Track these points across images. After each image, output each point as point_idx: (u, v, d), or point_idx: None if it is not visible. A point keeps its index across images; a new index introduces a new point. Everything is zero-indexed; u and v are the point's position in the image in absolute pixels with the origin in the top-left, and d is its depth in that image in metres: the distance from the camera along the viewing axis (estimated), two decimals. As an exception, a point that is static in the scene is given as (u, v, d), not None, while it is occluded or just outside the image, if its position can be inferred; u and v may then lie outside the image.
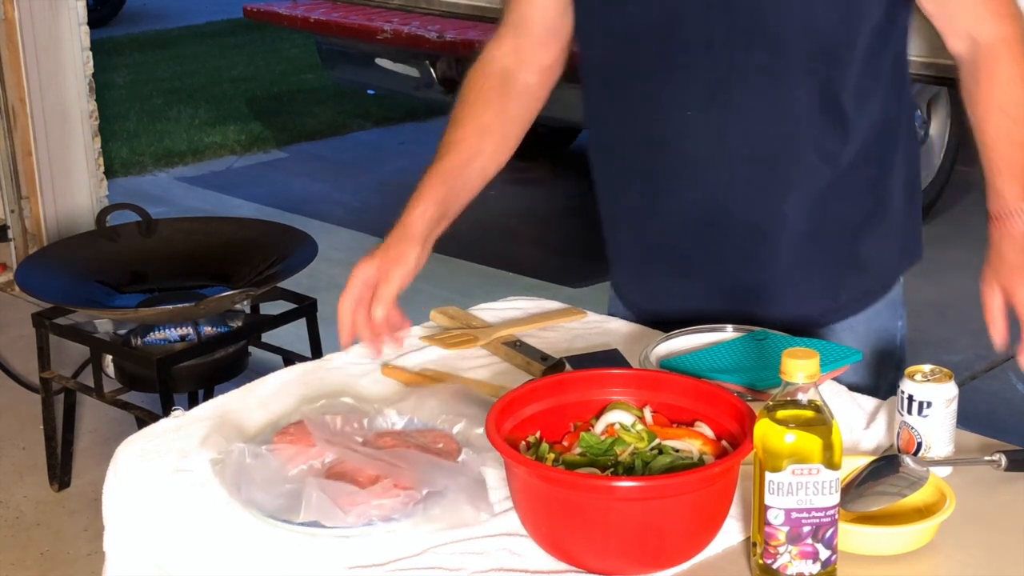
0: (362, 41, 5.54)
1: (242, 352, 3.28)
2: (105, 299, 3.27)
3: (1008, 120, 1.66)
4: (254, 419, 1.68)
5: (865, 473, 1.42)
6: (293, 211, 5.79)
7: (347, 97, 7.75)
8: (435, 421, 1.58)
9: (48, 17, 4.65)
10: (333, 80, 6.39)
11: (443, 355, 1.87)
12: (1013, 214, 1.65)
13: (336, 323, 1.71)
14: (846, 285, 1.86)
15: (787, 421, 1.26)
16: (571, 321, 1.99)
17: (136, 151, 6.87)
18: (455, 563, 1.35)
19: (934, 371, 1.51)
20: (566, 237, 5.67)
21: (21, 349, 4.11)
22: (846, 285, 1.86)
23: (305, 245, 3.30)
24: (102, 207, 4.38)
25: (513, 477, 1.37)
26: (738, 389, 1.61)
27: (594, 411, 1.49)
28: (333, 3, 5.81)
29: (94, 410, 3.72)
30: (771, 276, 1.83)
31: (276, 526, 1.41)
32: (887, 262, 1.88)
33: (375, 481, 1.43)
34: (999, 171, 1.67)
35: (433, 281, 5.17)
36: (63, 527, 3.32)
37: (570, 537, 1.33)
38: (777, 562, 1.28)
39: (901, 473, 1.41)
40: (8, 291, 4.70)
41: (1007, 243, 1.67)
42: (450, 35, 5.15)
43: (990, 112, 1.68)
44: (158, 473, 1.57)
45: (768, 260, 1.81)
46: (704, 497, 1.33)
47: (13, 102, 4.65)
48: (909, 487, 1.39)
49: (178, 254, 3.42)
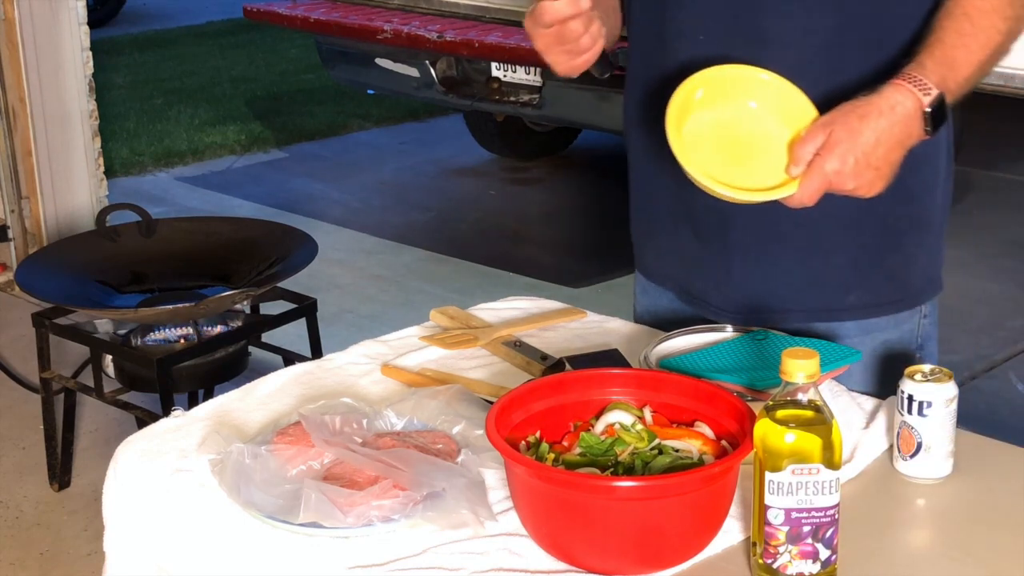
0: (362, 41, 5.54)
1: (242, 352, 3.28)
2: (105, 299, 3.27)
3: (968, 23, 1.62)
4: (254, 419, 1.68)
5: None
6: (293, 211, 5.79)
7: (347, 97, 7.75)
8: (435, 422, 1.58)
9: (48, 17, 4.65)
10: (333, 80, 6.39)
11: (443, 355, 1.87)
12: (916, 88, 1.56)
13: (336, 323, 1.71)
14: (859, 283, 1.82)
15: (787, 421, 1.26)
16: (571, 321, 1.99)
17: (136, 151, 6.87)
18: (455, 563, 1.35)
19: (934, 371, 1.51)
20: (566, 237, 5.67)
21: (21, 349, 4.11)
22: (859, 283, 1.82)
23: (305, 245, 3.30)
24: (102, 207, 4.38)
25: (513, 477, 1.37)
26: (738, 389, 1.61)
27: (594, 411, 1.49)
28: (333, 3, 5.81)
29: (94, 410, 3.72)
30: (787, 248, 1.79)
31: (276, 526, 1.41)
32: (905, 275, 1.85)
33: (374, 482, 1.43)
34: (932, 55, 1.60)
35: (433, 281, 5.21)
36: (63, 527, 3.32)
37: (570, 537, 1.33)
38: (777, 562, 1.28)
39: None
40: (8, 291, 4.70)
41: (884, 111, 1.55)
42: (450, 35, 5.15)
43: (953, 11, 1.63)
44: (158, 473, 1.57)
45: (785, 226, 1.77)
46: (704, 497, 1.33)
47: (13, 102, 4.65)
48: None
49: (178, 254, 3.42)
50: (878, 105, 1.56)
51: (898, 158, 1.57)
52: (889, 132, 1.55)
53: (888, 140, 1.55)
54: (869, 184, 1.56)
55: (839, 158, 1.53)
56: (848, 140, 1.53)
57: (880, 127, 1.55)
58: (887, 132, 1.55)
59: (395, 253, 5.42)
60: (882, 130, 1.55)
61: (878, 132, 1.54)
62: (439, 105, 6.43)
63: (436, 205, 6.12)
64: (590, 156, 6.70)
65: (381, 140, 7.22)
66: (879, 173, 1.56)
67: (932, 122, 1.58)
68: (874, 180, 1.56)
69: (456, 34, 5.15)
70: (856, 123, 1.54)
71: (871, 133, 1.54)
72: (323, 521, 1.39)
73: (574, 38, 1.64)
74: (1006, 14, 1.64)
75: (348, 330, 4.20)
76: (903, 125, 1.56)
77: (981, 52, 1.63)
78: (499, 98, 5.34)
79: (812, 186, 1.54)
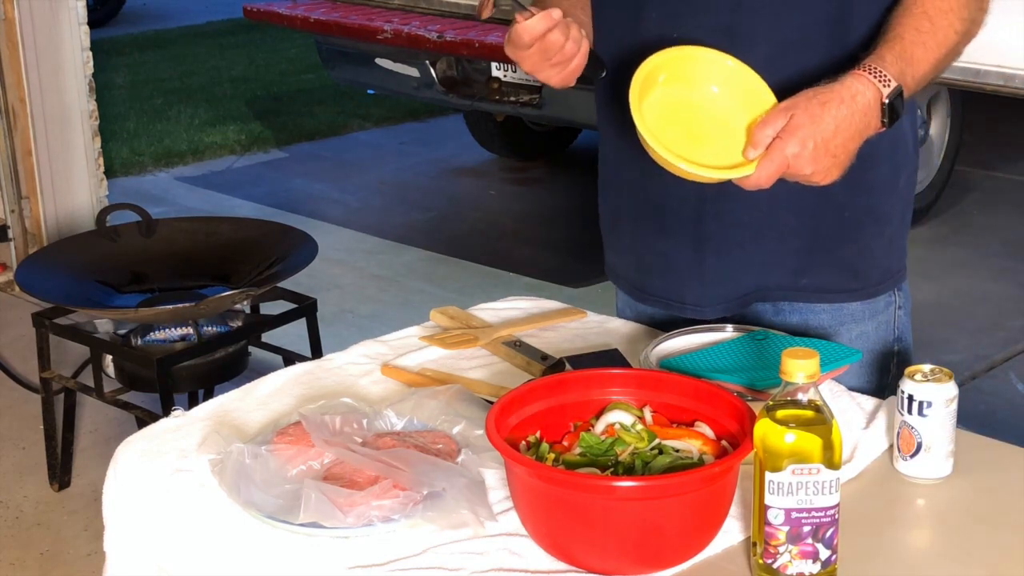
0: (362, 41, 5.54)
1: (242, 352, 3.28)
2: (105, 299, 3.27)
3: (927, 22, 1.64)
4: (254, 419, 1.68)
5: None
6: (293, 211, 5.79)
7: (347, 97, 7.75)
8: (435, 422, 1.58)
9: (48, 17, 4.65)
10: (333, 80, 6.39)
11: (443, 355, 1.87)
12: (876, 79, 1.57)
13: (336, 323, 1.71)
14: (811, 268, 1.83)
15: (787, 421, 1.26)
16: (571, 321, 1.99)
17: (136, 151, 6.87)
18: (455, 563, 1.35)
19: (934, 371, 1.51)
20: (566, 237, 5.67)
21: (21, 349, 4.11)
22: (811, 268, 1.83)
23: (305, 245, 3.30)
24: (102, 207, 4.38)
25: (513, 477, 1.37)
26: (738, 389, 1.62)
27: (594, 411, 1.49)
28: (333, 3, 5.81)
29: (94, 410, 3.72)
30: (748, 235, 1.81)
31: (276, 526, 1.41)
32: (860, 265, 1.85)
33: (374, 482, 1.43)
34: (892, 49, 1.61)
35: (433, 281, 5.21)
36: (63, 527, 3.32)
37: (570, 537, 1.33)
38: (777, 562, 1.28)
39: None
40: (8, 291, 4.70)
41: (845, 99, 1.56)
42: (450, 35, 5.15)
43: (912, 9, 1.65)
44: (158, 473, 1.57)
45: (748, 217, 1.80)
46: (704, 497, 1.33)
47: (13, 102, 4.65)
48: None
49: (178, 254, 3.42)
50: (839, 93, 1.57)
51: (855, 147, 1.59)
52: (849, 120, 1.56)
53: (847, 128, 1.56)
54: (825, 171, 1.57)
55: (799, 142, 1.54)
56: (809, 125, 1.55)
57: (840, 115, 1.56)
58: (847, 120, 1.56)
59: (395, 253, 5.42)
60: (842, 118, 1.56)
61: (838, 120, 1.56)
62: (439, 105, 6.43)
63: (436, 205, 6.12)
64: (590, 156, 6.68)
65: (381, 140, 7.23)
66: (836, 161, 1.57)
67: (889, 114, 1.59)
68: (830, 167, 1.57)
69: (456, 34, 5.15)
70: (817, 109, 1.55)
71: (831, 120, 1.55)
72: (323, 521, 1.39)
73: (557, 48, 1.65)
74: (962, 15, 1.66)
75: (348, 330, 4.20)
76: (862, 115, 1.57)
77: (937, 51, 1.65)
78: (499, 98, 5.33)
79: (770, 168, 1.55)
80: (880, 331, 1.89)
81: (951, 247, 5.18)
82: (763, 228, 1.81)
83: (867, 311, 1.87)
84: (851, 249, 1.84)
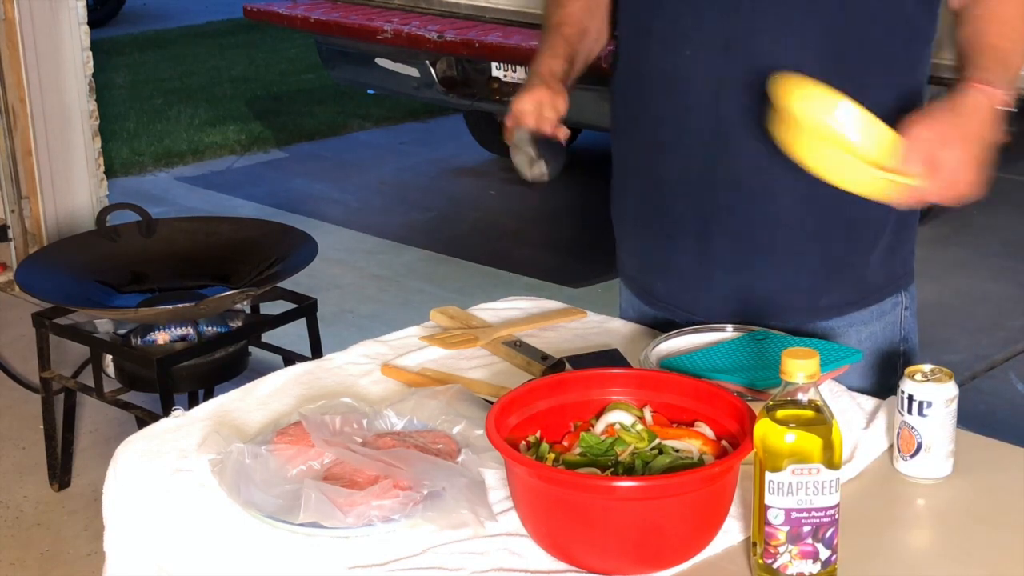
0: (362, 41, 5.55)
1: (242, 352, 3.28)
2: (105, 299, 3.27)
3: (1010, 29, 1.68)
4: (254, 419, 1.68)
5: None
6: (293, 211, 5.79)
7: (347, 97, 7.75)
8: (435, 422, 1.58)
9: (48, 17, 4.65)
10: (333, 80, 6.39)
11: (443, 355, 1.87)
12: (986, 88, 1.62)
13: (336, 323, 1.72)
14: (829, 287, 1.85)
15: (787, 421, 1.26)
16: (571, 321, 1.99)
17: (136, 151, 6.87)
18: (455, 563, 1.35)
19: (934, 371, 1.51)
20: (566, 237, 5.67)
21: (21, 349, 4.11)
22: (829, 287, 1.85)
23: (305, 245, 3.30)
24: (102, 207, 4.38)
25: (513, 477, 1.37)
26: (738, 389, 1.61)
27: (594, 411, 1.49)
28: (333, 3, 5.81)
29: (94, 410, 3.72)
30: (765, 244, 1.82)
31: (276, 526, 1.41)
32: (868, 275, 1.86)
33: (374, 482, 1.43)
34: (992, 58, 1.66)
35: (433, 281, 5.20)
36: (63, 527, 3.32)
37: (570, 537, 1.33)
38: (777, 562, 1.28)
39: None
40: (8, 291, 4.70)
41: (970, 106, 1.61)
42: (450, 35, 5.15)
43: (992, 23, 1.69)
44: (158, 473, 1.57)
45: (763, 226, 1.81)
46: (704, 497, 1.33)
47: (13, 102, 4.65)
48: None
49: (178, 254, 3.42)
50: (956, 106, 1.61)
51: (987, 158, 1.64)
52: (981, 131, 1.62)
53: (982, 139, 1.62)
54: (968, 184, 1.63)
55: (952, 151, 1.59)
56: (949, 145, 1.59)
57: (979, 128, 1.61)
58: (983, 131, 1.62)
59: (395, 253, 5.42)
60: (981, 128, 1.62)
61: (981, 130, 1.62)
62: (439, 105, 6.43)
63: (436, 205, 6.12)
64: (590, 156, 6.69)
65: (381, 140, 7.23)
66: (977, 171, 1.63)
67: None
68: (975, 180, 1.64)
69: (456, 34, 5.15)
70: (944, 132, 1.59)
71: (975, 130, 1.61)
72: (323, 521, 1.39)
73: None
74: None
75: (348, 330, 4.20)
76: (991, 124, 1.63)
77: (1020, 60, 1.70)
78: (499, 98, 5.33)
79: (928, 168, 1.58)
80: (887, 332, 1.89)
81: (951, 247, 5.18)
82: (775, 245, 1.82)
83: (875, 313, 1.88)
84: (862, 261, 1.85)
